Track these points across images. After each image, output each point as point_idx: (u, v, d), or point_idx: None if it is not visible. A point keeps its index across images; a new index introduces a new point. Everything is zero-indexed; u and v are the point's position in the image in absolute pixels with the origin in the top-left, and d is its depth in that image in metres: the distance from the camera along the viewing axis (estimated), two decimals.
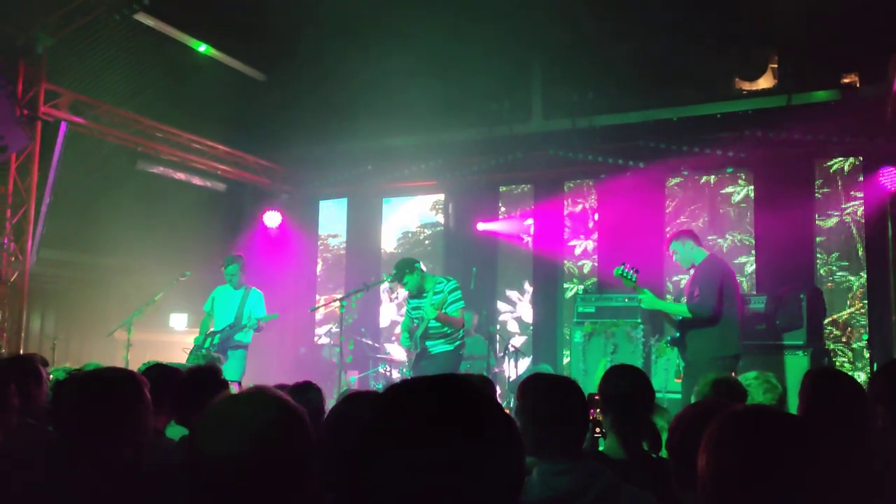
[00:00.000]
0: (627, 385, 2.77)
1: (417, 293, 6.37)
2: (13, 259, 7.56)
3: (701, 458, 1.31)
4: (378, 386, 8.71)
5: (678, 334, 5.61)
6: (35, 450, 2.60)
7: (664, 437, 2.33)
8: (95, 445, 2.05)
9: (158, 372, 3.20)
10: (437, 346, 6.26)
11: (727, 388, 3.12)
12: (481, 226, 9.91)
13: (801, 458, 1.24)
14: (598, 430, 2.75)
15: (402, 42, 8.44)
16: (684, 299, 5.67)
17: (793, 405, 5.20)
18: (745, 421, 1.33)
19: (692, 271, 5.79)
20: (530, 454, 2.19)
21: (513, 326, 10.19)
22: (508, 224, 10.02)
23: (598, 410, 2.75)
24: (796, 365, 6.79)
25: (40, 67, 7.60)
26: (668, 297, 8.62)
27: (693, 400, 3.11)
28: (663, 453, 2.47)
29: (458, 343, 6.29)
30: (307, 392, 3.09)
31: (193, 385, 2.98)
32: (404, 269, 6.34)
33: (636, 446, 2.62)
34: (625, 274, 5.55)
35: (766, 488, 1.23)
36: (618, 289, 8.19)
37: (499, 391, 8.56)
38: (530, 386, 2.39)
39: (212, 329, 7.35)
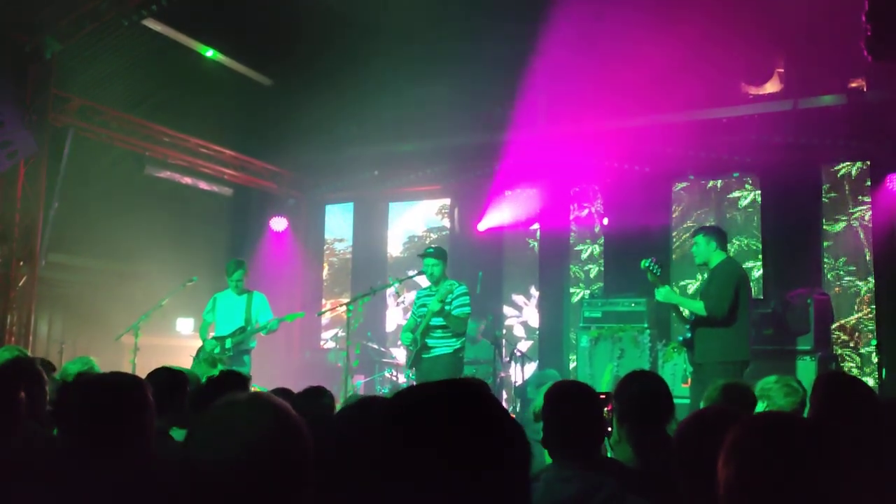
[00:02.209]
0: (647, 394, 2.72)
1: (434, 283, 6.37)
2: (21, 263, 7.60)
3: (728, 467, 1.29)
4: (384, 390, 8.71)
5: (689, 335, 5.60)
6: (38, 453, 2.60)
7: None
8: (100, 450, 2.05)
9: (165, 376, 3.22)
10: (438, 347, 6.23)
11: (737, 395, 3.08)
12: (482, 225, 9.84)
13: (829, 466, 1.23)
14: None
15: (409, 48, 8.46)
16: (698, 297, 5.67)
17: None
18: (773, 428, 1.32)
19: (705, 275, 5.79)
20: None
21: (519, 331, 10.19)
22: (509, 209, 9.88)
23: (606, 410, 2.70)
24: (804, 370, 6.76)
25: (49, 73, 7.63)
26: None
27: (702, 405, 3.07)
28: None
29: (457, 347, 6.27)
30: (320, 397, 3.06)
31: (215, 389, 2.97)
32: (442, 254, 6.39)
33: (652, 457, 2.58)
34: (651, 267, 5.58)
35: (796, 495, 1.22)
36: (624, 293, 8.19)
37: (504, 396, 8.55)
38: (550, 394, 2.41)
39: (212, 334, 7.35)
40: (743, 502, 1.27)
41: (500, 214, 9.92)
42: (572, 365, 9.17)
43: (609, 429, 2.69)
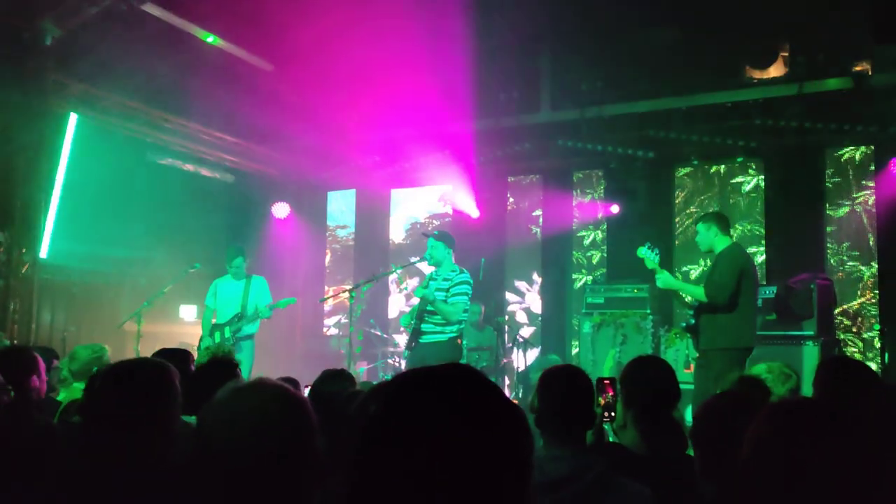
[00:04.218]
0: (654, 379, 2.71)
1: (435, 266, 6.33)
2: (24, 251, 7.60)
3: (755, 452, 1.27)
4: (387, 377, 8.72)
5: (693, 321, 5.60)
6: (38, 442, 2.58)
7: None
8: (129, 439, 2.03)
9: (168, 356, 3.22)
10: (432, 333, 6.09)
11: (751, 385, 3.06)
12: (474, 212, 9.81)
13: (853, 450, 1.23)
14: (606, 413, 2.70)
15: (411, 33, 8.40)
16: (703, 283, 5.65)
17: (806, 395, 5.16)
18: (803, 414, 1.30)
19: (709, 260, 5.78)
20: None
21: (521, 317, 10.19)
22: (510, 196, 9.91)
23: (609, 394, 2.70)
24: (807, 355, 6.77)
25: (48, 59, 7.60)
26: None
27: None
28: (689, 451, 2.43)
29: (452, 335, 6.10)
30: (343, 381, 3.05)
31: (208, 376, 2.96)
32: (444, 238, 6.30)
33: (658, 442, 2.58)
34: (647, 254, 5.59)
35: (822, 480, 1.21)
36: (627, 279, 8.18)
37: (507, 382, 8.57)
38: (542, 376, 2.45)
39: (214, 322, 7.35)
40: (764, 485, 1.26)
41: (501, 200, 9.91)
42: (575, 351, 9.19)
43: (612, 413, 2.69)
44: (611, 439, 2.83)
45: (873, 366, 7.66)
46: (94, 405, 2.17)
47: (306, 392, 2.94)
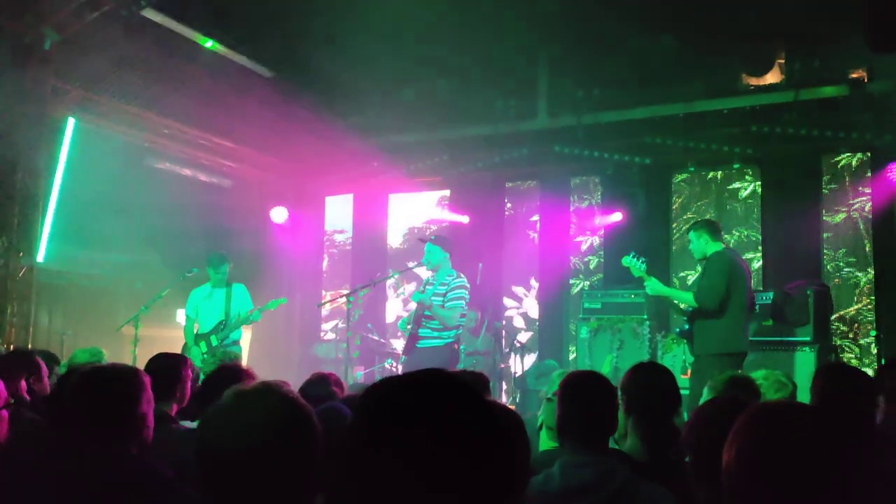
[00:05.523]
0: (655, 386, 2.72)
1: (432, 271, 6.33)
2: (21, 255, 7.59)
3: (729, 453, 1.30)
4: None
5: (687, 326, 5.62)
6: (35, 445, 2.59)
7: None
8: (100, 442, 2.04)
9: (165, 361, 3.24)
10: (429, 339, 6.09)
11: (742, 386, 3.06)
12: (465, 218, 9.82)
13: (834, 454, 1.24)
14: None
15: (410, 39, 8.43)
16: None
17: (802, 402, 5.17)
18: (778, 416, 1.32)
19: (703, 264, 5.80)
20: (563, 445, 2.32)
21: (519, 322, 10.20)
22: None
23: None
24: (803, 361, 6.78)
25: (48, 64, 7.60)
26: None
27: (706, 394, 3.05)
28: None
29: (449, 340, 6.10)
30: (327, 385, 3.04)
31: (217, 383, 2.96)
32: (441, 242, 6.30)
33: (660, 449, 2.59)
34: (633, 263, 5.60)
35: (800, 482, 1.22)
36: (624, 285, 8.20)
37: (504, 387, 8.57)
38: (566, 384, 2.46)
39: (197, 332, 7.33)
40: (741, 486, 1.27)
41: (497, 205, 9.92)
42: (572, 356, 9.19)
43: None
44: (611, 446, 2.84)
45: (870, 372, 7.68)
46: (62, 408, 2.17)
47: None
